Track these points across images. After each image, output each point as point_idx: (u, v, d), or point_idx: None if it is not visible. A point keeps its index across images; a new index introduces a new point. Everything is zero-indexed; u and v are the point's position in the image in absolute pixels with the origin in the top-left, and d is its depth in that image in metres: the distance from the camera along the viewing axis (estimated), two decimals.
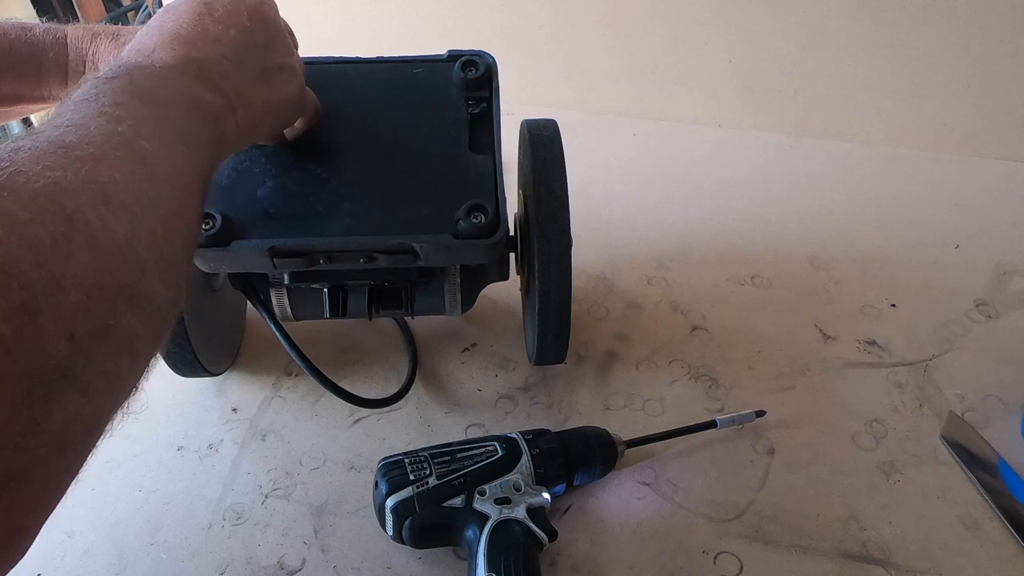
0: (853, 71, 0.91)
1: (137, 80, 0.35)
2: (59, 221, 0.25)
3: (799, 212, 0.85)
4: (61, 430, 0.25)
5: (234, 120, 0.41)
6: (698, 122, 1.00)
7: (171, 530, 0.54)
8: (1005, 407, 0.63)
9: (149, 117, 0.33)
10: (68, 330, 0.24)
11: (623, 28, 0.96)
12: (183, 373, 0.60)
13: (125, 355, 0.28)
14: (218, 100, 0.39)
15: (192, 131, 0.36)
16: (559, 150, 0.55)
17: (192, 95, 0.37)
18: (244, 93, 0.41)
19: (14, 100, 0.52)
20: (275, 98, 0.44)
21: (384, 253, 0.50)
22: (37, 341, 0.23)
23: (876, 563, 0.52)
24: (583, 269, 0.76)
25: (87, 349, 0.25)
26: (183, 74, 0.38)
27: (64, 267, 0.25)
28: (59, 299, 0.24)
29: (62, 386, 0.24)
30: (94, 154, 0.29)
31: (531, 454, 0.52)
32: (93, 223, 0.27)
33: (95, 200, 0.27)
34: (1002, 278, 0.76)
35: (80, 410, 0.25)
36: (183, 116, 0.36)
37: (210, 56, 0.40)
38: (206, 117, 0.38)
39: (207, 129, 0.38)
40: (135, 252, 0.28)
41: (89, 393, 0.26)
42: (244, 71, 0.42)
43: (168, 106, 0.35)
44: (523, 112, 0.65)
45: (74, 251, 0.25)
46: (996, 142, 0.92)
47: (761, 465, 0.58)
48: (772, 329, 0.70)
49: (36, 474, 0.24)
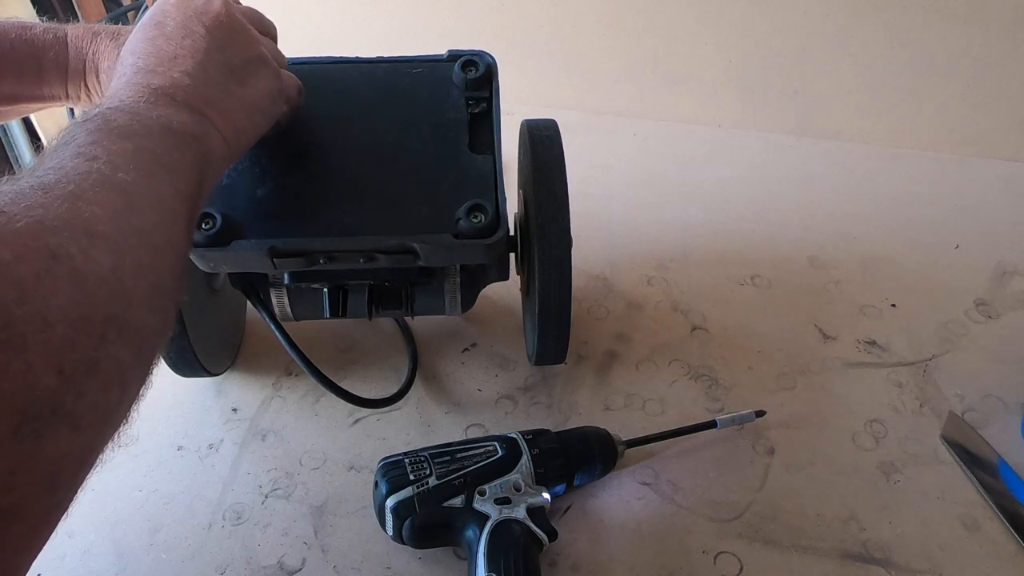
0: (853, 71, 0.91)
1: (109, 118, 0.35)
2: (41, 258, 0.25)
3: (799, 212, 0.85)
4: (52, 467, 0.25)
5: (217, 133, 0.40)
6: (698, 122, 1.00)
7: (171, 530, 0.54)
8: (1005, 407, 0.63)
9: (125, 150, 0.33)
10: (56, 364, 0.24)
11: (623, 28, 0.96)
12: (183, 373, 0.60)
13: (115, 386, 0.28)
14: (192, 119, 0.39)
15: (171, 156, 0.36)
16: (559, 150, 0.55)
17: (165, 121, 0.37)
18: (218, 102, 0.41)
19: (14, 100, 0.52)
20: (252, 94, 0.44)
21: (384, 253, 0.50)
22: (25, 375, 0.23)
23: (876, 563, 0.52)
24: (583, 269, 0.76)
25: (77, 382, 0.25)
26: (152, 104, 0.38)
27: (48, 302, 0.25)
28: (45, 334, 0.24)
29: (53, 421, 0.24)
30: (73, 191, 0.29)
31: (531, 454, 0.52)
32: (76, 257, 0.27)
33: (77, 234, 0.27)
34: (1002, 278, 0.76)
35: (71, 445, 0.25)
36: (159, 143, 0.36)
37: (171, 78, 0.40)
38: (184, 138, 0.38)
39: (187, 151, 0.37)
40: (121, 283, 0.28)
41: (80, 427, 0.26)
42: (211, 80, 0.41)
43: (143, 136, 0.35)
44: (523, 112, 0.65)
45: (58, 286, 0.25)
46: (996, 142, 0.92)
47: (761, 465, 0.58)
48: (772, 329, 0.70)
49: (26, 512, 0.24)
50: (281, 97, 0.47)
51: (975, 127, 0.92)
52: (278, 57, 0.49)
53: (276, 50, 0.49)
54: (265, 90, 0.45)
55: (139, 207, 0.32)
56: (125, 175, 0.32)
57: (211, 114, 0.40)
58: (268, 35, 0.49)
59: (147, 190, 0.33)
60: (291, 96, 0.50)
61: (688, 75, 0.97)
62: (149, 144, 0.35)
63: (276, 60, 0.47)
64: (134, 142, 0.34)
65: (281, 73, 0.47)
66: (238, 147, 0.42)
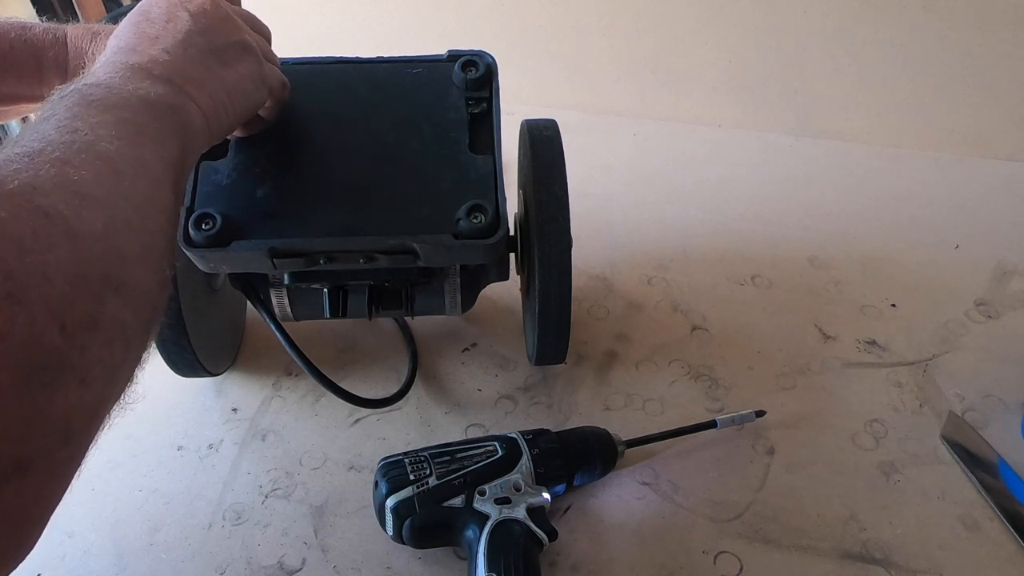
0: (853, 71, 0.91)
1: (87, 92, 0.36)
2: (36, 216, 0.26)
3: (799, 212, 0.85)
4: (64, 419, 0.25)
5: (195, 107, 0.40)
6: (698, 122, 1.00)
7: (171, 530, 0.54)
8: (1005, 407, 0.63)
9: (106, 121, 0.34)
10: (58, 320, 0.25)
11: (623, 28, 0.96)
12: (183, 373, 0.60)
13: (119, 344, 0.28)
14: (168, 91, 0.39)
15: (151, 125, 0.37)
16: (559, 150, 0.55)
17: (142, 93, 0.38)
18: (195, 78, 0.41)
19: (14, 99, 0.52)
20: (233, 76, 0.44)
21: (384, 253, 0.50)
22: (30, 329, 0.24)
23: (876, 563, 0.52)
24: (583, 269, 0.76)
25: (80, 339, 0.26)
26: (127, 79, 0.38)
27: (46, 258, 0.25)
28: (45, 289, 0.25)
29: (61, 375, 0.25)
30: (60, 157, 0.29)
31: (531, 454, 0.52)
32: (69, 217, 0.27)
33: (68, 196, 0.28)
34: (1002, 278, 0.76)
35: (81, 399, 0.26)
36: (139, 113, 0.36)
37: (150, 55, 0.40)
38: (162, 109, 0.38)
39: (166, 121, 0.38)
40: (113, 243, 0.29)
41: (88, 382, 0.26)
42: (190, 58, 0.41)
43: (121, 108, 0.36)
44: (523, 112, 0.65)
45: (54, 243, 0.26)
46: (996, 142, 0.92)
47: (761, 465, 0.58)
48: (772, 329, 0.70)
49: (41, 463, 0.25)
50: (263, 84, 0.47)
51: (975, 127, 0.92)
52: (266, 51, 0.49)
53: (266, 46, 0.50)
54: (246, 72, 0.45)
55: (125, 173, 0.32)
56: (108, 144, 0.32)
57: (189, 88, 0.40)
58: (260, 34, 0.50)
59: (131, 157, 0.33)
60: (274, 87, 0.50)
61: (688, 75, 0.97)
62: (128, 115, 0.36)
63: (264, 54, 0.48)
64: (114, 114, 0.35)
65: (264, 63, 0.47)
66: (217, 125, 0.42)
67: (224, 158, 0.51)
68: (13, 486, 0.24)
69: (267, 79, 0.48)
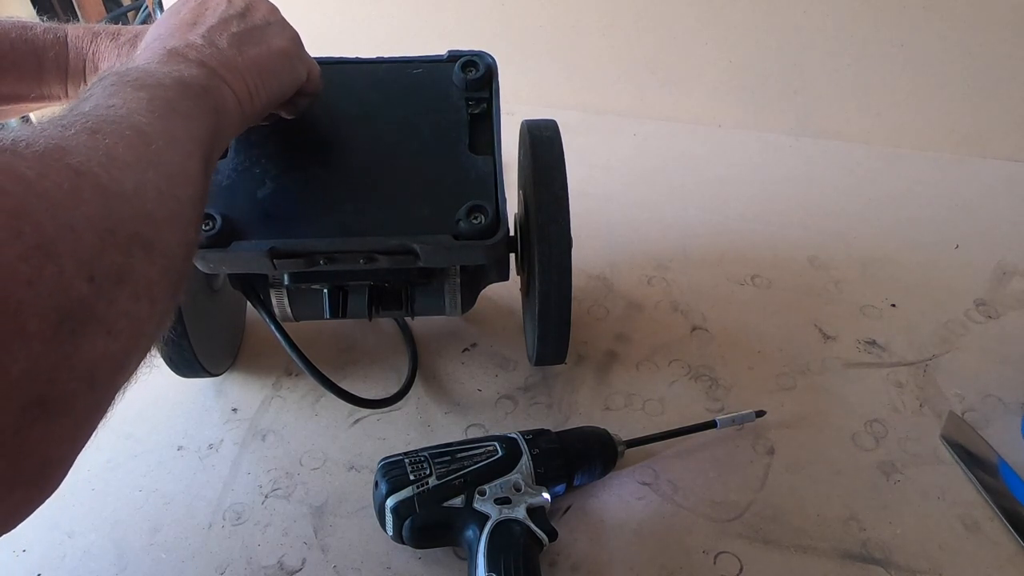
0: (853, 71, 0.91)
1: (124, 74, 0.37)
2: (66, 174, 0.27)
3: (799, 212, 0.85)
4: (90, 366, 0.26)
5: (228, 89, 0.41)
6: (698, 122, 1.00)
7: (171, 530, 0.54)
8: (1005, 407, 0.63)
9: (140, 97, 0.35)
10: (87, 271, 0.25)
11: (623, 28, 0.96)
12: (183, 373, 0.60)
13: (145, 300, 0.29)
14: (202, 73, 0.40)
15: (183, 103, 0.37)
16: (559, 150, 0.55)
17: (177, 75, 0.39)
18: (228, 60, 0.42)
19: (14, 99, 0.52)
20: (264, 53, 0.45)
21: (384, 254, 0.50)
22: (59, 279, 0.24)
23: (876, 563, 0.52)
24: (583, 269, 0.76)
25: (108, 291, 0.26)
26: (164, 62, 0.40)
27: (76, 212, 0.26)
28: (75, 242, 0.25)
29: (88, 324, 0.25)
30: (91, 127, 0.30)
31: (531, 454, 0.52)
32: (100, 175, 0.28)
33: (98, 157, 0.29)
34: (1002, 278, 0.76)
35: (107, 348, 0.27)
36: (172, 91, 0.37)
37: (186, 40, 0.42)
38: (195, 90, 0.39)
39: (199, 101, 0.39)
40: (143, 203, 0.30)
41: (114, 333, 0.27)
42: (223, 41, 0.43)
43: (156, 87, 0.37)
44: (523, 112, 0.65)
45: (84, 199, 0.27)
46: (996, 142, 0.92)
47: (761, 465, 0.58)
48: (772, 329, 0.70)
49: (67, 407, 0.25)
50: (299, 63, 0.48)
51: (975, 127, 0.92)
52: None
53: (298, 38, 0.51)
54: (281, 48, 0.46)
55: (155, 143, 0.33)
56: (140, 117, 0.33)
57: (222, 71, 0.41)
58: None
59: (162, 130, 0.34)
60: (312, 72, 0.51)
61: (688, 75, 0.97)
62: (162, 93, 0.36)
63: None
64: (148, 92, 0.36)
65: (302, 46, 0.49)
66: (251, 107, 0.43)
67: (224, 158, 0.51)
68: (40, 427, 0.24)
69: (304, 59, 0.49)
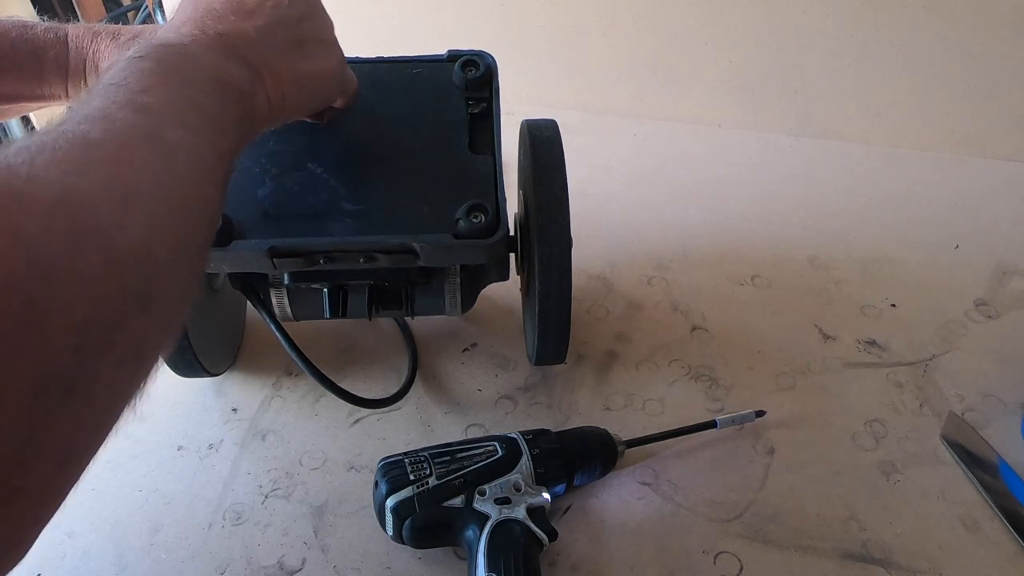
0: (853, 71, 0.91)
1: (164, 59, 0.35)
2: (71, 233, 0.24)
3: (799, 212, 0.85)
4: (64, 443, 0.24)
5: (264, 93, 0.40)
6: (698, 122, 1.00)
7: (171, 530, 0.54)
8: (1005, 407, 0.63)
9: (175, 101, 0.33)
10: (74, 343, 0.23)
11: (623, 28, 0.96)
12: (183, 373, 0.60)
13: (132, 363, 0.27)
14: (244, 73, 0.39)
15: (218, 111, 0.36)
16: (559, 150, 0.55)
17: (218, 71, 0.37)
18: (274, 64, 0.41)
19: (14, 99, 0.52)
20: (310, 70, 0.43)
21: (384, 253, 0.50)
22: (41, 354, 0.22)
23: (876, 563, 0.52)
24: (583, 269, 0.76)
25: (92, 360, 0.24)
26: (209, 48, 0.38)
27: (72, 279, 0.24)
28: (66, 313, 0.23)
29: (65, 398, 0.23)
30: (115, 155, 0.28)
31: (531, 454, 0.52)
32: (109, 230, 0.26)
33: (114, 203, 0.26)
34: (1002, 278, 0.76)
35: (83, 421, 0.25)
36: (209, 94, 0.36)
37: (239, 28, 0.40)
38: (232, 93, 0.37)
39: (233, 107, 0.37)
40: (151, 255, 0.27)
41: (93, 403, 0.25)
42: (275, 42, 0.41)
43: (194, 85, 0.35)
44: (523, 112, 0.65)
45: (86, 262, 0.24)
46: (996, 142, 0.92)
47: (761, 465, 0.58)
48: (772, 329, 0.70)
49: (34, 490, 0.23)
50: (339, 85, 0.48)
51: (975, 127, 0.92)
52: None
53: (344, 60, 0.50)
54: (325, 71, 0.45)
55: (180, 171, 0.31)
56: (171, 132, 0.32)
57: (265, 74, 0.40)
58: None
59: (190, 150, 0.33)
60: (348, 91, 0.50)
61: (688, 75, 0.97)
62: (198, 96, 0.35)
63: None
64: (186, 92, 0.34)
65: (347, 67, 0.48)
66: (279, 114, 0.42)
67: None
68: (2, 511, 0.22)
69: (345, 82, 0.48)
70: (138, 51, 0.35)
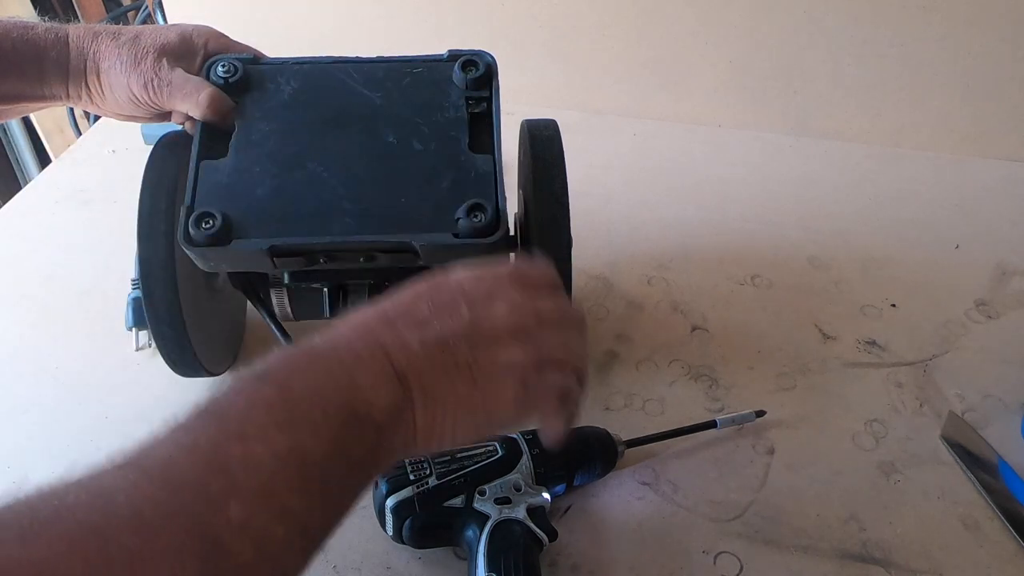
0: (853, 71, 0.91)
1: (291, 387, 0.32)
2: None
3: (799, 212, 0.85)
4: None
5: (411, 419, 0.35)
6: (698, 122, 1.00)
7: None
8: (1005, 407, 0.63)
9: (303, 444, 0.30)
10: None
11: (623, 28, 0.96)
12: (183, 373, 0.60)
13: None
14: (390, 396, 0.34)
15: (342, 462, 0.32)
16: (559, 150, 0.55)
17: (359, 407, 0.33)
18: (431, 385, 0.35)
19: (15, 99, 0.52)
20: (476, 399, 0.36)
21: (384, 252, 0.50)
22: None
23: (876, 563, 0.52)
24: (583, 269, 0.76)
25: None
26: (358, 360, 0.34)
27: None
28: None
29: None
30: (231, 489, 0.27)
31: (531, 454, 0.52)
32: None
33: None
34: (1002, 278, 0.76)
35: None
36: (337, 439, 0.31)
37: (404, 340, 0.35)
38: (368, 432, 0.33)
39: (362, 451, 0.33)
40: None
41: None
42: (443, 361, 0.35)
43: (322, 422, 0.31)
44: (523, 112, 0.65)
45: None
46: (996, 142, 0.92)
47: (761, 465, 0.58)
48: (772, 329, 0.70)
49: None
50: (507, 424, 0.39)
51: (975, 127, 0.92)
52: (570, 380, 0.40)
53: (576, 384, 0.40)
54: (497, 403, 0.37)
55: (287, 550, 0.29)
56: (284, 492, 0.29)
57: (416, 394, 0.35)
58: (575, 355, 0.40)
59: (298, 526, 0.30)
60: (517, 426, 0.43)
61: (688, 75, 0.97)
62: (321, 446, 0.31)
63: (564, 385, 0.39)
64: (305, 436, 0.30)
65: (526, 404, 0.38)
66: (429, 443, 0.36)
67: (225, 157, 0.51)
68: None
69: (518, 421, 0.39)
70: (262, 370, 0.32)
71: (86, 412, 0.62)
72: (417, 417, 0.35)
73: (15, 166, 1.41)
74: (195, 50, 0.54)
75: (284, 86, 0.54)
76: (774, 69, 0.94)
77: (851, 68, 0.91)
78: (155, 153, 0.56)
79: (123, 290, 0.68)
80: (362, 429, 0.33)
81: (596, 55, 0.99)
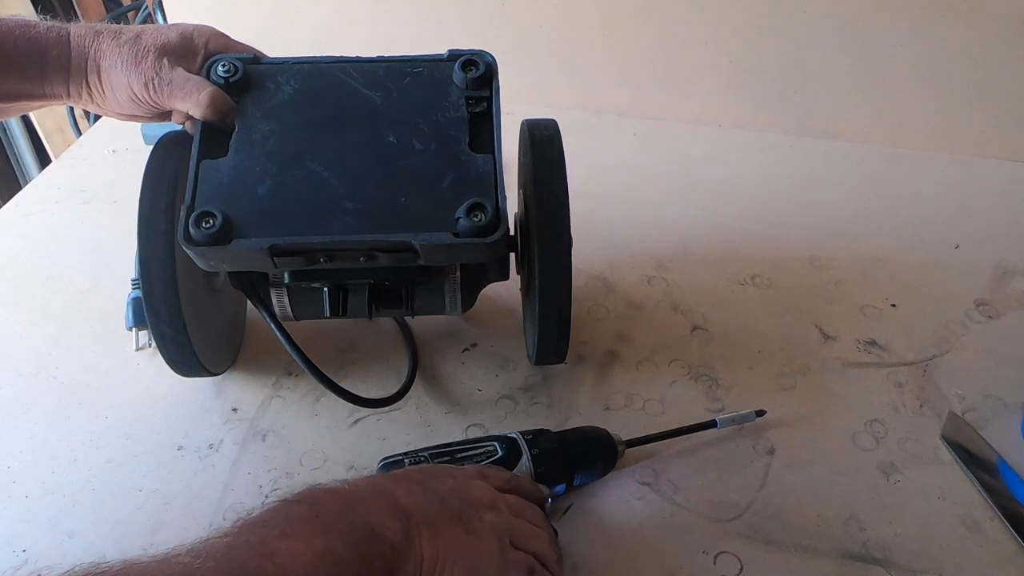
0: (853, 71, 0.91)
1: (320, 503, 0.39)
2: None
3: (799, 212, 0.85)
4: None
5: (419, 546, 0.41)
6: (698, 122, 1.00)
7: (171, 530, 0.54)
8: (1005, 407, 0.63)
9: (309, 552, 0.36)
10: None
11: (623, 28, 0.96)
12: (183, 373, 0.60)
13: None
14: (402, 523, 0.40)
15: (357, 561, 0.38)
16: (559, 149, 0.55)
17: (371, 518, 0.40)
18: (435, 524, 0.42)
19: (16, 97, 0.52)
20: (469, 549, 0.42)
21: (384, 251, 0.50)
22: None
23: (876, 563, 0.52)
24: (583, 269, 0.76)
25: None
26: (372, 497, 0.42)
27: None
28: None
29: None
30: None
31: (531, 454, 0.52)
32: None
33: None
34: (1002, 278, 0.76)
35: None
36: (352, 547, 0.38)
37: (408, 489, 0.43)
38: (383, 548, 0.39)
39: (378, 559, 0.38)
40: None
41: None
42: (440, 509, 0.43)
43: (339, 534, 0.38)
44: (523, 112, 0.65)
45: None
46: (996, 142, 0.92)
47: (761, 465, 0.58)
48: (772, 329, 0.70)
49: None
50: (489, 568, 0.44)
51: (975, 127, 0.92)
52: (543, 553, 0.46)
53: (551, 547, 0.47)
54: (481, 558, 0.43)
55: None
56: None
57: (422, 530, 0.41)
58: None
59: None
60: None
61: (688, 75, 0.97)
62: (338, 546, 0.37)
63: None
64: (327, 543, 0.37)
65: (509, 550, 0.44)
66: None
67: (225, 157, 0.51)
68: None
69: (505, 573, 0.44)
70: (298, 494, 0.40)
71: (86, 412, 0.62)
72: (424, 547, 0.41)
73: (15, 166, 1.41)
74: (196, 49, 0.54)
75: (284, 86, 0.54)
76: (774, 69, 0.94)
77: (851, 68, 0.91)
78: (155, 153, 0.56)
79: (123, 290, 0.68)
80: (380, 545, 0.39)
81: (596, 55, 0.99)
